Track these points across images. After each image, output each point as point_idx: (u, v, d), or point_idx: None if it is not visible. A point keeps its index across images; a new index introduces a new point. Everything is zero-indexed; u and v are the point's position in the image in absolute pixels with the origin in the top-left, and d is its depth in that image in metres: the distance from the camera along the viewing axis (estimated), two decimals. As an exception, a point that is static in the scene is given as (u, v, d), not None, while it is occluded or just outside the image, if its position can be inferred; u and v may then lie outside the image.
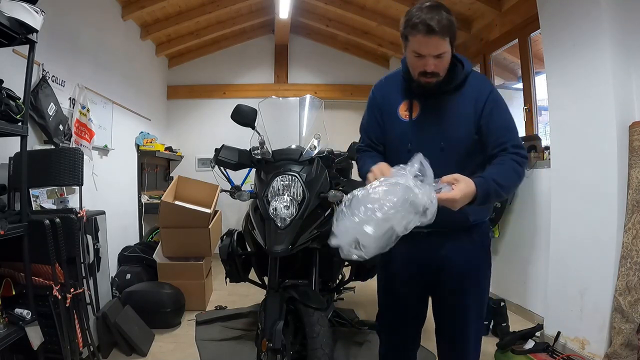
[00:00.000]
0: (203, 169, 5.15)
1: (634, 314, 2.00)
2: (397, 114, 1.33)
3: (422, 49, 1.17)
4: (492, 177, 1.13)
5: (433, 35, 1.13)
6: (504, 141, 1.22)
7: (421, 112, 1.29)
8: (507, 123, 1.26)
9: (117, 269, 3.31)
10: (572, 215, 2.37)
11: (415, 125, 1.29)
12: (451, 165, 1.20)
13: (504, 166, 1.18)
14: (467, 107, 1.26)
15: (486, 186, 1.11)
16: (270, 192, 1.75)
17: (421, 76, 1.23)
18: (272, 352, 1.52)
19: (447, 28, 1.14)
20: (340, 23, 4.86)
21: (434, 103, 1.28)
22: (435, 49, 1.16)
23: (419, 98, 1.30)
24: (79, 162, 2.07)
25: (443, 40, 1.15)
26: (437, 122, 1.27)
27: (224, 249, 2.17)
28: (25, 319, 1.68)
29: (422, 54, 1.18)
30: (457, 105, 1.27)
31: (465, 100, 1.26)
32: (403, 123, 1.31)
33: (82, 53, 3.00)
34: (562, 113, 2.45)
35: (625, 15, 2.16)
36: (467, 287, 1.32)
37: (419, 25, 1.13)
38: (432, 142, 1.25)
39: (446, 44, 1.17)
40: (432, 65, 1.19)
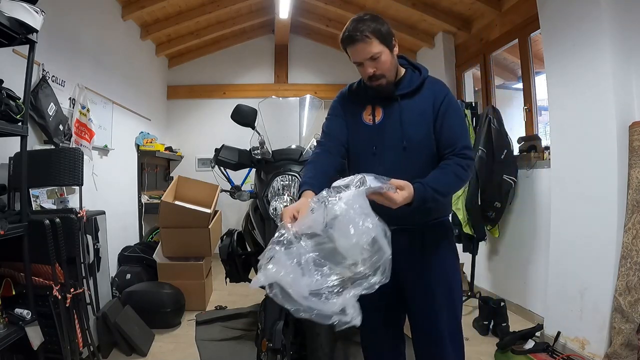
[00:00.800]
0: (203, 169, 5.15)
1: (634, 314, 2.00)
2: (361, 119, 1.39)
3: (355, 57, 1.30)
4: (430, 183, 1.20)
5: (356, 43, 1.26)
6: (454, 142, 1.29)
7: (383, 116, 1.36)
8: (458, 125, 1.34)
9: (117, 269, 3.31)
10: (572, 215, 2.37)
11: (379, 129, 1.35)
12: (415, 164, 1.29)
13: (445, 171, 1.26)
14: (426, 109, 1.33)
15: (423, 192, 1.17)
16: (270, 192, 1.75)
17: (370, 81, 1.33)
18: (272, 352, 1.52)
19: (370, 32, 1.25)
20: (340, 23, 4.82)
21: (394, 106, 1.35)
22: (364, 54, 1.27)
23: (380, 103, 1.37)
24: (79, 162, 2.07)
25: (368, 44, 1.25)
26: (398, 124, 1.33)
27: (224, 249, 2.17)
28: (25, 319, 1.69)
29: (358, 61, 1.30)
30: (416, 107, 1.34)
31: (423, 102, 1.34)
32: (367, 127, 1.37)
33: (82, 53, 3.00)
34: (562, 113, 2.45)
35: (625, 15, 2.16)
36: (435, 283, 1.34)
37: (344, 39, 1.29)
38: (394, 143, 1.32)
39: (373, 47, 1.26)
40: (371, 68, 1.29)
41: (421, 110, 1.33)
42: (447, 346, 1.35)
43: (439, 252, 1.37)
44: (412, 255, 1.34)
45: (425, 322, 1.36)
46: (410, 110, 1.33)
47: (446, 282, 1.36)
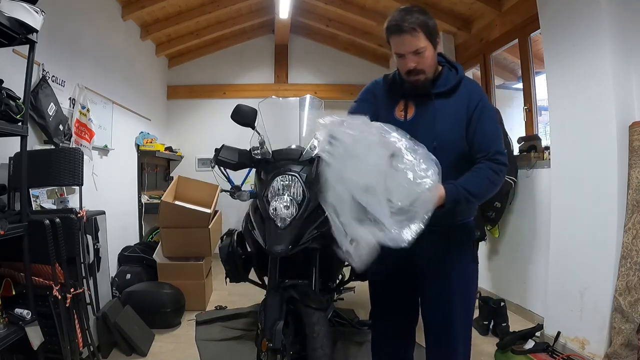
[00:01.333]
0: (203, 169, 5.15)
1: (634, 314, 2.00)
2: (393, 113, 1.37)
3: (399, 48, 1.26)
4: (462, 185, 1.20)
5: (403, 33, 1.23)
6: (487, 147, 1.29)
7: (416, 113, 1.34)
8: (492, 130, 1.33)
9: (117, 269, 3.31)
10: (572, 215, 2.36)
11: (410, 126, 1.32)
12: (445, 164, 1.26)
13: (478, 174, 1.26)
14: (460, 110, 1.31)
15: (455, 193, 1.18)
16: (270, 192, 1.75)
17: (408, 75, 1.30)
18: (272, 352, 1.52)
19: (418, 25, 1.22)
20: (340, 23, 4.86)
21: (428, 104, 1.33)
22: (409, 46, 1.24)
23: (414, 99, 1.35)
24: (79, 162, 2.07)
25: (414, 37, 1.23)
26: (431, 122, 1.31)
27: (224, 249, 2.17)
28: (25, 319, 1.69)
29: (401, 53, 1.27)
30: (450, 107, 1.32)
31: (458, 104, 1.32)
32: (398, 123, 1.33)
33: (82, 53, 3.00)
34: (562, 113, 2.45)
35: (625, 15, 2.16)
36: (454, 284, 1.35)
37: (390, 27, 1.25)
38: (425, 142, 1.29)
39: (419, 40, 1.24)
40: (413, 62, 1.26)
41: (455, 111, 1.31)
42: (459, 347, 1.37)
43: (461, 256, 1.36)
44: (435, 257, 1.33)
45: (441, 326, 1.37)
46: (444, 110, 1.31)
47: (465, 287, 1.37)
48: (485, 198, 1.31)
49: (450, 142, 1.30)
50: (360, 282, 2.47)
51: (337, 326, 2.65)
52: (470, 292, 1.41)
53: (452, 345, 1.37)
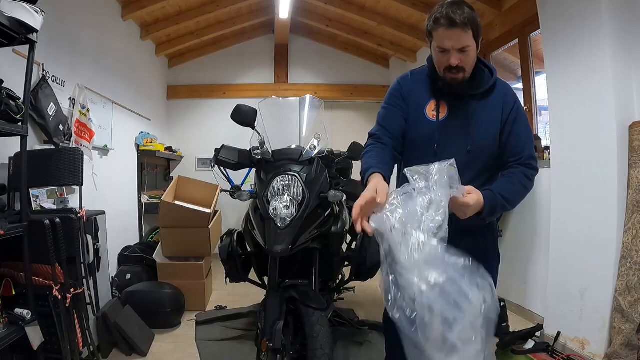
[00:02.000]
0: (203, 169, 5.15)
1: (634, 314, 2.00)
2: (424, 112, 1.30)
3: (445, 42, 1.18)
4: (499, 191, 1.17)
5: (454, 27, 1.15)
6: (521, 151, 1.26)
7: (449, 113, 1.28)
8: (526, 134, 1.30)
9: (117, 269, 3.30)
10: (572, 215, 2.36)
11: (443, 127, 1.27)
12: (477, 168, 1.23)
13: (512, 180, 1.23)
14: (495, 113, 1.28)
15: (494, 200, 1.15)
16: (270, 192, 1.75)
17: (447, 72, 1.23)
18: (272, 352, 1.52)
19: (469, 21, 1.16)
20: (340, 23, 4.85)
21: (462, 105, 1.28)
22: (457, 42, 1.17)
23: (446, 99, 1.29)
24: (79, 162, 2.07)
25: (465, 33, 1.16)
26: (465, 124, 1.27)
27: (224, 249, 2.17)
28: (25, 319, 1.68)
29: (446, 48, 1.19)
30: (485, 109, 1.28)
31: (493, 106, 1.28)
32: (430, 123, 1.29)
33: (82, 53, 3.00)
34: (562, 113, 2.45)
35: (625, 15, 2.16)
36: None
37: (441, 19, 1.16)
38: (459, 144, 1.25)
39: (469, 37, 1.18)
40: (457, 59, 1.19)
41: (490, 114, 1.27)
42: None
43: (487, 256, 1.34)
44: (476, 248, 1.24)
45: None
46: (479, 113, 1.27)
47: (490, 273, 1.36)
48: (517, 204, 1.28)
49: (484, 146, 1.26)
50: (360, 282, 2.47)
51: (337, 326, 2.65)
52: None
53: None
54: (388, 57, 5.36)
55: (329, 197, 1.81)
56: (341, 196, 1.85)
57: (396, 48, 4.93)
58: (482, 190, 1.13)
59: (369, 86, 5.36)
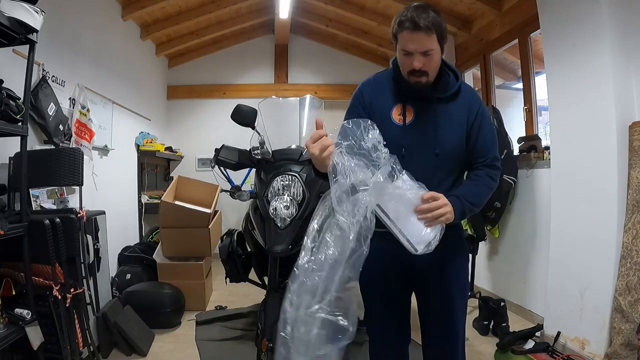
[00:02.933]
0: (203, 169, 5.15)
1: (634, 314, 2.00)
2: (390, 117, 1.30)
3: (409, 45, 1.20)
4: (465, 197, 1.22)
5: (418, 31, 1.17)
6: (486, 153, 1.31)
7: (415, 117, 1.28)
8: (490, 137, 1.33)
9: (117, 269, 3.30)
10: (572, 215, 2.37)
11: (410, 130, 1.28)
12: (445, 171, 1.27)
13: (477, 183, 1.28)
14: (461, 118, 1.30)
15: (461, 206, 1.20)
16: (270, 192, 1.75)
17: (410, 75, 1.24)
18: (272, 352, 1.52)
19: (433, 25, 1.18)
20: (340, 23, 4.85)
21: (428, 109, 1.29)
22: (421, 45, 1.19)
23: (412, 103, 1.30)
24: (79, 162, 2.07)
25: (428, 37, 1.18)
26: (432, 127, 1.27)
27: (224, 249, 2.17)
28: (25, 319, 1.68)
29: (409, 51, 1.21)
30: (451, 114, 1.29)
31: (459, 109, 1.30)
32: (396, 127, 1.28)
33: (82, 53, 3.00)
34: (562, 113, 2.45)
35: (625, 15, 2.16)
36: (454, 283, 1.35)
37: (405, 22, 1.18)
38: (427, 148, 1.26)
39: (432, 41, 1.20)
40: (420, 63, 1.20)
41: (456, 117, 1.29)
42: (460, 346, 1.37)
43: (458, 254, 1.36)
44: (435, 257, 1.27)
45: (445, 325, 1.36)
46: (445, 116, 1.28)
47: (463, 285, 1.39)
48: (483, 205, 1.32)
49: (452, 149, 1.28)
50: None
51: (337, 326, 2.65)
52: (466, 290, 1.44)
53: (454, 344, 1.37)
54: (388, 57, 5.36)
55: (329, 197, 1.81)
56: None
57: (396, 48, 4.92)
58: (448, 197, 1.16)
59: (369, 86, 5.35)
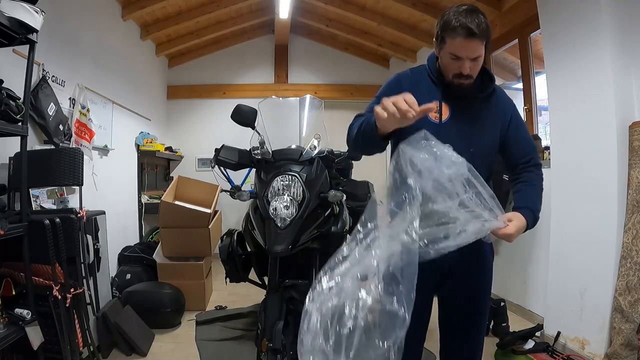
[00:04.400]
0: (203, 169, 5.15)
1: (634, 314, 2.00)
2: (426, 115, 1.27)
3: (461, 52, 1.19)
4: (534, 206, 1.25)
5: (473, 38, 1.15)
6: (532, 155, 1.33)
7: (451, 115, 1.28)
8: (529, 137, 1.37)
9: (117, 269, 3.30)
10: (572, 215, 2.37)
11: (446, 129, 1.26)
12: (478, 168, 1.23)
13: (536, 188, 1.30)
14: (496, 117, 1.31)
15: (533, 217, 1.22)
16: (270, 192, 1.75)
17: (455, 78, 1.24)
18: (272, 352, 1.52)
19: (485, 32, 1.17)
20: (340, 23, 4.85)
21: (464, 108, 1.29)
22: (473, 52, 1.18)
23: (448, 101, 1.29)
24: (79, 162, 2.07)
25: (481, 43, 1.18)
26: (468, 127, 1.28)
27: (224, 249, 2.17)
28: (25, 319, 1.69)
29: (460, 56, 1.19)
30: (487, 113, 1.31)
31: (494, 110, 1.32)
32: (432, 125, 1.26)
33: (82, 53, 3.00)
34: (562, 113, 2.45)
35: (625, 15, 2.16)
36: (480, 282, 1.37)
37: (458, 28, 1.16)
38: (462, 146, 1.23)
39: (483, 47, 1.20)
40: (468, 68, 1.20)
41: (491, 118, 1.31)
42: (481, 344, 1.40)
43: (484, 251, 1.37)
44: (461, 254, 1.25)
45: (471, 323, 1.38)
46: (480, 115, 1.30)
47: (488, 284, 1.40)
48: None
49: (487, 148, 1.30)
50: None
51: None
52: (490, 288, 1.44)
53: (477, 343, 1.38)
54: (388, 57, 5.36)
55: (329, 197, 1.81)
56: (341, 196, 1.84)
57: (396, 48, 4.93)
58: (520, 211, 1.20)
59: (369, 86, 5.35)
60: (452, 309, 1.41)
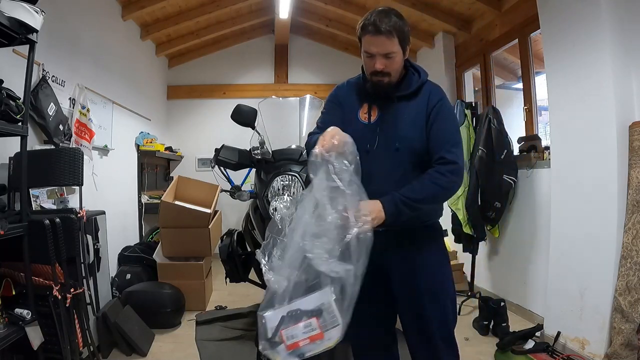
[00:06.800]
0: (203, 169, 5.15)
1: (634, 314, 2.00)
2: (357, 116, 1.39)
3: (371, 48, 1.28)
4: (402, 192, 1.22)
5: (379, 34, 1.24)
6: (438, 148, 1.30)
7: (379, 115, 1.36)
8: (444, 130, 1.32)
9: (117, 269, 3.30)
10: (572, 215, 2.36)
11: (374, 128, 1.35)
12: (405, 164, 1.30)
13: (421, 180, 1.26)
14: (421, 112, 1.34)
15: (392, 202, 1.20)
16: (270, 192, 1.76)
17: (373, 75, 1.32)
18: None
19: (394, 29, 1.25)
20: (340, 23, 4.85)
21: (391, 108, 1.36)
22: (382, 48, 1.26)
23: (377, 102, 1.37)
24: (79, 162, 2.07)
25: (389, 40, 1.25)
26: (393, 124, 1.34)
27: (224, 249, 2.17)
28: (25, 319, 1.69)
29: (371, 53, 1.28)
30: (411, 109, 1.35)
31: (419, 105, 1.35)
32: (362, 125, 1.37)
33: (82, 53, 3.00)
34: (562, 113, 2.45)
35: (625, 15, 2.16)
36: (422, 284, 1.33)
37: (368, 26, 1.26)
38: (388, 143, 1.33)
39: (393, 44, 1.27)
40: (381, 64, 1.28)
41: (416, 113, 1.34)
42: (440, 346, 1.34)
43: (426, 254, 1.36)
44: (399, 255, 1.33)
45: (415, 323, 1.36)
46: (405, 113, 1.34)
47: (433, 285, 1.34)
48: (435, 201, 1.33)
49: (412, 143, 1.32)
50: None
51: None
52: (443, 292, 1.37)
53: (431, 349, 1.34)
54: (388, 57, 5.36)
55: (329, 197, 1.81)
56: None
57: (396, 48, 4.92)
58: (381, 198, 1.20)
59: (369, 86, 5.36)
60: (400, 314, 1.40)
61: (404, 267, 1.33)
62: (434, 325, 1.33)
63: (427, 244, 1.37)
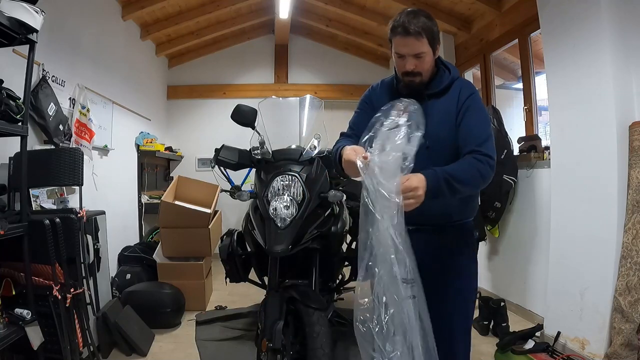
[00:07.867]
0: (203, 169, 5.15)
1: (634, 314, 2.00)
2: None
3: (401, 49, 1.30)
4: (444, 169, 1.19)
5: (409, 36, 1.26)
6: (472, 140, 1.28)
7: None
8: (477, 122, 1.32)
9: (117, 269, 3.31)
10: (572, 215, 2.36)
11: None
12: (438, 163, 1.27)
13: (462, 162, 1.26)
14: (451, 108, 1.34)
15: (435, 176, 1.17)
16: (270, 192, 1.75)
17: (404, 76, 1.34)
18: (272, 352, 1.52)
19: (423, 30, 1.26)
20: (340, 23, 4.85)
21: (422, 105, 1.34)
22: (412, 49, 1.28)
23: None
24: (79, 162, 2.07)
25: (419, 41, 1.27)
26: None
27: (224, 249, 2.17)
28: (25, 319, 1.69)
29: (402, 54, 1.31)
30: (441, 106, 1.35)
31: (449, 102, 1.35)
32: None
33: (82, 53, 3.00)
34: (562, 113, 2.45)
35: (625, 15, 2.16)
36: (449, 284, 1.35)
37: (397, 28, 1.28)
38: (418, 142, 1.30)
39: (423, 45, 1.28)
40: (412, 65, 1.30)
41: (446, 110, 1.34)
42: (459, 343, 1.37)
43: (455, 255, 1.36)
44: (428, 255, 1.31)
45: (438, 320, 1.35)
46: (436, 110, 1.34)
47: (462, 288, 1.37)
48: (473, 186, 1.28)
49: (442, 140, 1.32)
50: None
51: (337, 326, 2.65)
52: (468, 293, 1.41)
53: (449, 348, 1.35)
54: (388, 57, 5.35)
55: (329, 197, 1.81)
56: (341, 196, 1.85)
57: (396, 48, 4.92)
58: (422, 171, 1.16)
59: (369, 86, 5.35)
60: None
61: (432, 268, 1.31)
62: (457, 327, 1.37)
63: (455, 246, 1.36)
